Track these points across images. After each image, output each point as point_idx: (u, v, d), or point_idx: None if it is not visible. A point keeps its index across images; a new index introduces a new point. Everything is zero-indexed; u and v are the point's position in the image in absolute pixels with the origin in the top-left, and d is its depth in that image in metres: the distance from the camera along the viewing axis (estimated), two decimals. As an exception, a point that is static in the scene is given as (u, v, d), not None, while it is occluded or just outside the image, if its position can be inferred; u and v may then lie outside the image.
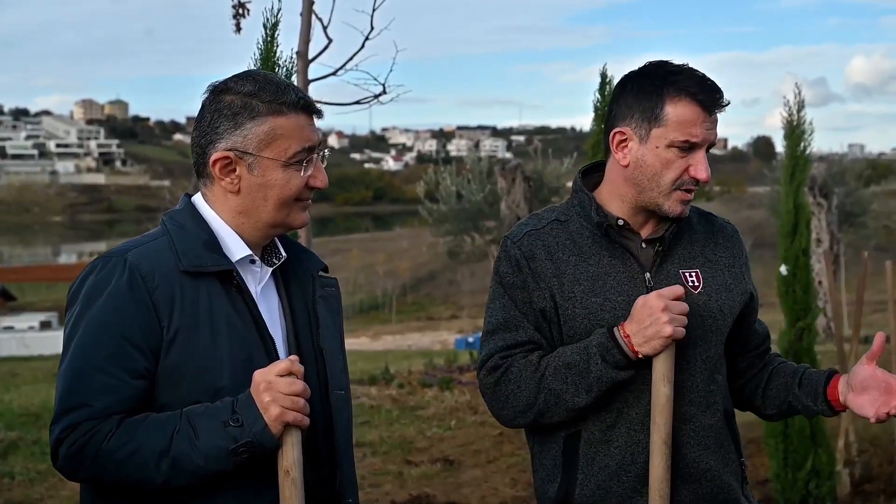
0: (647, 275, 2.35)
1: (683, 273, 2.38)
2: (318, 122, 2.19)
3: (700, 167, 2.31)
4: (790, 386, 2.49)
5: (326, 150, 2.21)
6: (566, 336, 2.35)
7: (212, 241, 2.10)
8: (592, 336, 2.30)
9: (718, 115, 2.34)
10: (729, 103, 2.33)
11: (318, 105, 2.19)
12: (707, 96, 2.30)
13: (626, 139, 2.35)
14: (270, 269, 2.19)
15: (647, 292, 2.32)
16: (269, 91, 2.09)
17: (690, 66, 2.35)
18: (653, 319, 2.22)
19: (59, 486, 7.36)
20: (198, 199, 2.18)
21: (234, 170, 2.10)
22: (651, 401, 2.27)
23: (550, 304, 2.35)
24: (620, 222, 2.38)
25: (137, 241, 2.12)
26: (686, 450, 2.33)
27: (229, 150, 2.09)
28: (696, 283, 2.38)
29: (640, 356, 2.25)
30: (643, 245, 2.39)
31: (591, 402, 2.30)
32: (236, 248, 2.12)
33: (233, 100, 2.10)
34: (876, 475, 6.88)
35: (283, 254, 2.22)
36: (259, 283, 2.17)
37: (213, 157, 2.10)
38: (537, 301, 2.36)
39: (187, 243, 2.08)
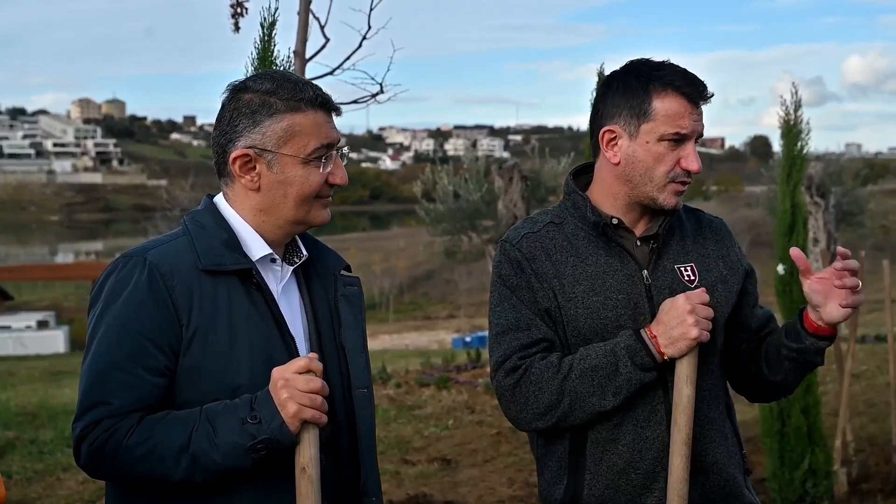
0: (645, 272, 2.37)
1: (679, 268, 2.40)
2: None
3: (691, 158, 2.34)
4: (780, 341, 2.42)
5: (346, 148, 2.22)
6: (570, 336, 2.36)
7: (231, 240, 2.11)
8: (618, 338, 2.30)
9: (704, 108, 2.37)
10: (713, 95, 2.36)
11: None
12: (692, 89, 2.34)
13: (615, 137, 2.38)
14: (291, 268, 2.20)
15: (646, 290, 2.35)
16: (286, 88, 2.10)
17: (671, 61, 2.38)
18: (679, 321, 2.24)
19: (56, 486, 7.36)
20: (219, 199, 2.19)
21: (254, 167, 2.11)
22: (672, 401, 2.27)
23: (554, 304, 2.36)
24: (615, 221, 2.39)
25: (158, 240, 2.14)
26: (692, 443, 2.32)
27: (248, 147, 2.10)
28: (692, 278, 2.39)
29: (665, 358, 2.27)
30: (638, 243, 2.41)
31: (617, 404, 2.29)
32: (256, 248, 2.13)
33: (251, 98, 2.11)
34: (873, 474, 6.88)
35: (305, 253, 2.23)
36: (280, 282, 2.17)
37: (232, 155, 2.11)
38: (542, 301, 2.36)
39: (207, 242, 2.09)
